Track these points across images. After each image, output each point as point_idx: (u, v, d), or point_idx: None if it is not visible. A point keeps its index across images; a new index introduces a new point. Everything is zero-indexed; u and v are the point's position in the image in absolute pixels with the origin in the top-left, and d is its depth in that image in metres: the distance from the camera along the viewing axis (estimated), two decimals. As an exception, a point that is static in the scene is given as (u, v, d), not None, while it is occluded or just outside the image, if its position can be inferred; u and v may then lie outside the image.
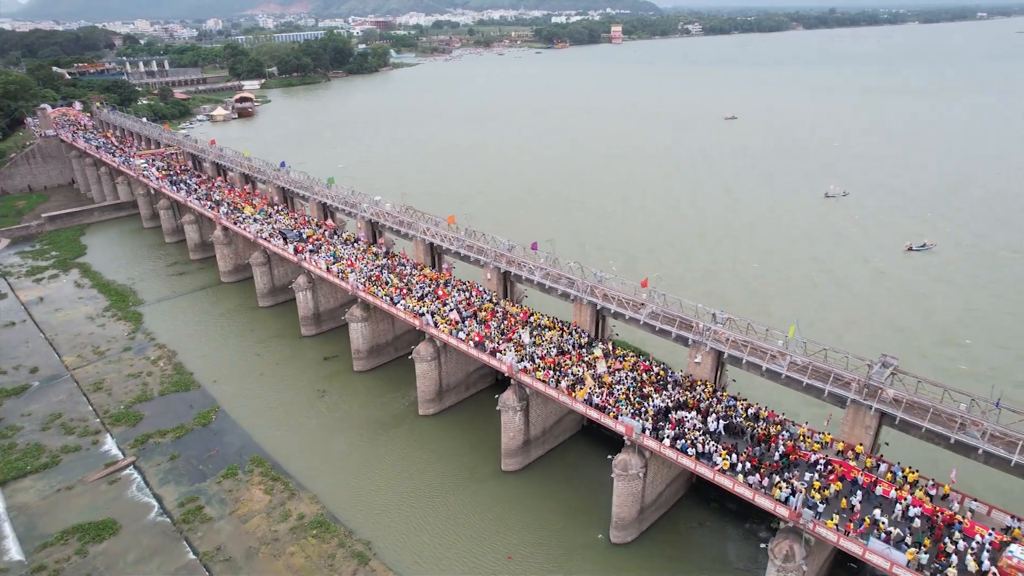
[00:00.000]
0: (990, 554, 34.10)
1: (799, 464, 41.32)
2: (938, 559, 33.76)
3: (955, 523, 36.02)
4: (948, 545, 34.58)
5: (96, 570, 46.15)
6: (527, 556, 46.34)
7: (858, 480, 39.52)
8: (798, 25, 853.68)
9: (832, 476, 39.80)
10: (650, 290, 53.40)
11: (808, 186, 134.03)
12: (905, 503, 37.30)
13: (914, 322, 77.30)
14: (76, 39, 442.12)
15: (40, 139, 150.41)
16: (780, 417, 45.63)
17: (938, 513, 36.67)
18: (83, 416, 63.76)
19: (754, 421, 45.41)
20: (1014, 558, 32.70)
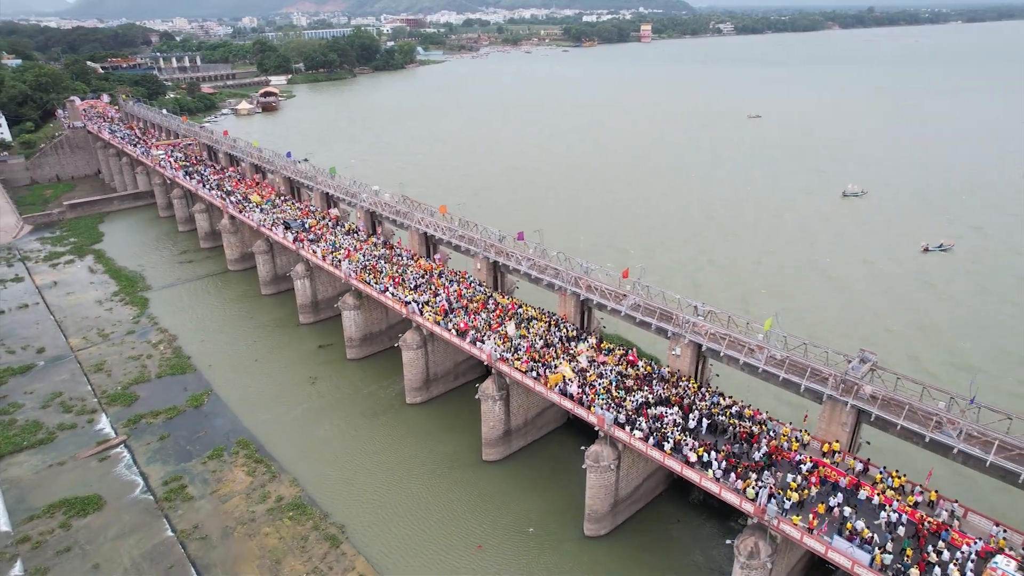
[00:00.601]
0: (975, 565, 32.43)
1: (780, 464, 40.09)
2: (919, 568, 32.12)
3: (942, 532, 34.37)
4: (931, 555, 32.98)
5: (77, 543, 47.20)
6: (497, 546, 46.09)
7: (840, 483, 38.05)
8: (834, 25, 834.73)
9: (814, 478, 38.50)
10: (633, 281, 52.64)
11: (827, 185, 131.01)
12: (890, 510, 35.68)
13: (913, 324, 74.97)
14: (115, 36, 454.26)
15: (68, 130, 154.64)
16: (764, 416, 44.35)
17: (925, 521, 35.02)
18: (82, 396, 65.31)
19: (738, 419, 44.14)
20: (998, 569, 31.17)
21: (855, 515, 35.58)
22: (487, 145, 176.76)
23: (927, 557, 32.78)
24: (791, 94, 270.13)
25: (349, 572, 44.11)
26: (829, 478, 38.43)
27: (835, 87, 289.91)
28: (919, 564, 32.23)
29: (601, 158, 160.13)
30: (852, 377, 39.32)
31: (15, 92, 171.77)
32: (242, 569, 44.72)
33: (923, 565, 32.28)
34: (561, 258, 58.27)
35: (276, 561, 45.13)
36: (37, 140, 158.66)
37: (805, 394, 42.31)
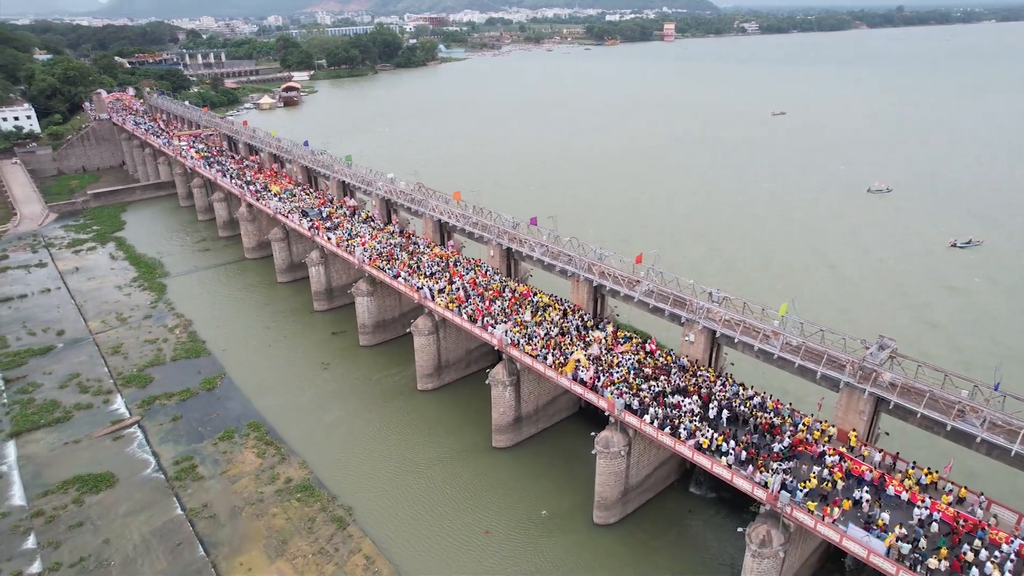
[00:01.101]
0: (1015, 564, 30.78)
1: (801, 456, 38.64)
2: (955, 568, 30.70)
3: (978, 530, 32.53)
4: (968, 554, 31.33)
5: (89, 519, 47.61)
6: (505, 532, 45.54)
7: (866, 477, 36.54)
8: (862, 24, 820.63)
9: (838, 471, 36.94)
10: (647, 268, 51.73)
11: (851, 182, 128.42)
12: (922, 507, 34.11)
13: (939, 318, 72.99)
14: (144, 34, 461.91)
15: (94, 122, 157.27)
16: (787, 408, 42.88)
17: (960, 519, 33.39)
18: (99, 377, 66.05)
19: (760, 410, 42.63)
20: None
21: (879, 509, 34.23)
22: (504, 142, 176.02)
23: (964, 557, 31.13)
24: (816, 92, 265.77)
25: (355, 554, 43.87)
26: (854, 472, 36.94)
27: (860, 86, 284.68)
28: (954, 562, 30.69)
29: (621, 155, 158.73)
30: (870, 364, 38.08)
31: (44, 85, 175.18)
32: (249, 548, 44.73)
33: (957, 564, 30.74)
34: (574, 244, 57.49)
35: (283, 541, 45.06)
36: (64, 132, 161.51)
37: (821, 382, 41.12)
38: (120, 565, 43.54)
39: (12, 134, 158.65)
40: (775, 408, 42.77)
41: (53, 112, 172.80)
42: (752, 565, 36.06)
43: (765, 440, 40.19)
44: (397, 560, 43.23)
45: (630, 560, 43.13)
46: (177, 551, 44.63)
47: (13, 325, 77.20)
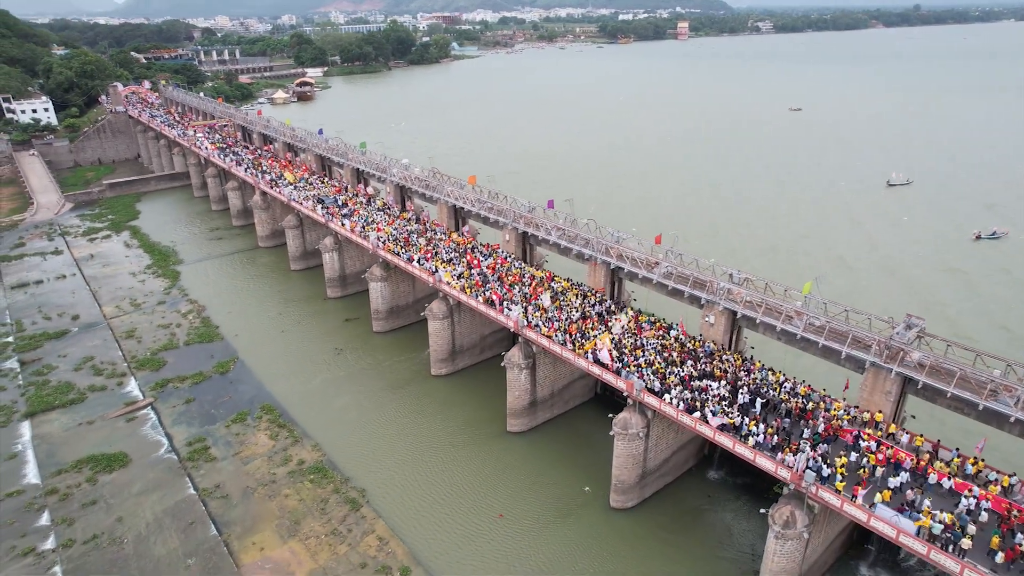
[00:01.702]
0: None
1: (835, 442, 37.39)
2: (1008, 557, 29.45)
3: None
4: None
5: (102, 497, 47.40)
6: (519, 515, 44.83)
7: (906, 465, 35.04)
8: (877, 23, 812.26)
9: (879, 457, 35.45)
10: (666, 249, 50.83)
11: (869, 174, 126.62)
12: (969, 496, 32.81)
13: (966, 306, 71.50)
14: (159, 32, 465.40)
15: (110, 115, 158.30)
16: (820, 393, 41.46)
17: (1014, 509, 31.94)
18: (113, 360, 66.04)
19: (791, 396, 41.17)
20: None
21: (920, 495, 32.97)
22: (516, 139, 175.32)
23: (1019, 549, 29.74)
24: (832, 89, 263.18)
25: (368, 535, 43.34)
26: (893, 459, 35.43)
27: (876, 83, 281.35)
28: (1008, 553, 29.47)
29: (637, 148, 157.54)
30: (898, 343, 37.00)
31: (62, 79, 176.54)
32: (261, 527, 44.32)
33: (1011, 554, 29.53)
34: (592, 227, 56.66)
35: (295, 521, 44.62)
36: (81, 124, 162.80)
37: (846, 363, 40.14)
38: (133, 542, 43.26)
39: (30, 126, 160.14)
40: (807, 393, 41.29)
41: (70, 105, 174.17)
42: (775, 547, 35.12)
43: (797, 426, 38.81)
44: (410, 541, 42.65)
45: (647, 544, 42.28)
46: (190, 529, 44.30)
47: (29, 310, 77.48)
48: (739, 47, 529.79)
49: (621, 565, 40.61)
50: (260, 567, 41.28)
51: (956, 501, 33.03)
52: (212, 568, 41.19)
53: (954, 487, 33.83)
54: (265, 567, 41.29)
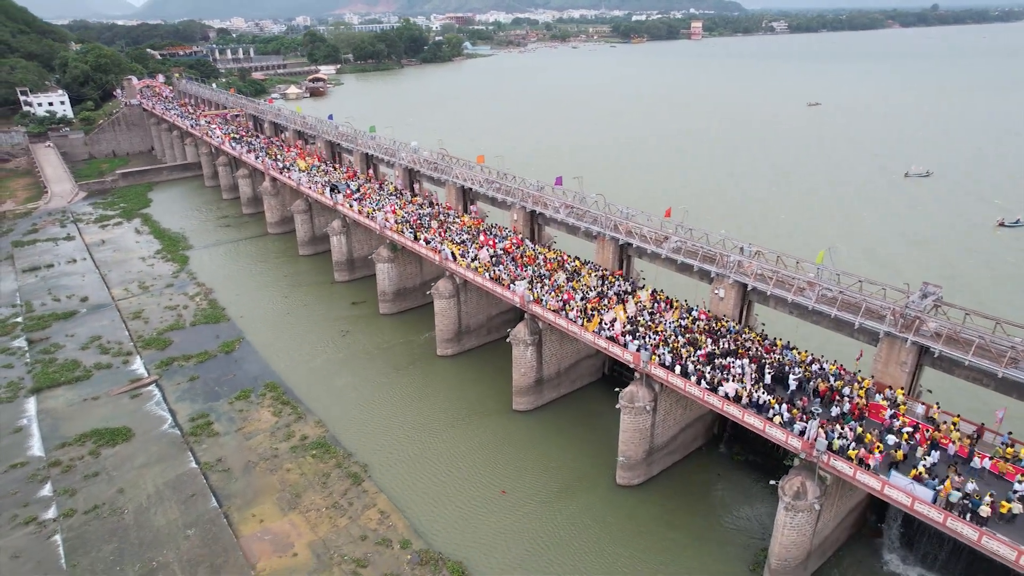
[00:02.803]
0: None
1: (868, 423, 35.25)
2: None
3: None
4: None
5: (104, 470, 47.18)
6: (522, 492, 44.00)
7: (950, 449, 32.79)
8: (894, 23, 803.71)
9: (921, 439, 33.30)
10: (676, 224, 49.81)
11: (887, 166, 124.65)
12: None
13: (992, 289, 69.72)
14: (176, 32, 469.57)
15: (125, 108, 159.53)
16: (854, 374, 39.27)
17: None
18: (119, 340, 66.04)
19: (816, 375, 39.11)
20: None
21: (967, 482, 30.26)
22: (527, 136, 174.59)
23: None
24: (850, 85, 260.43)
25: (369, 508, 42.71)
26: (941, 443, 33.00)
27: (893, 80, 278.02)
28: None
29: (648, 142, 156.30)
30: (913, 310, 35.77)
31: (77, 73, 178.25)
32: (262, 500, 43.83)
33: None
34: (600, 204, 55.71)
35: (296, 495, 44.09)
36: (96, 117, 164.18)
37: (860, 335, 38.95)
38: (133, 513, 42.93)
39: (46, 119, 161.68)
40: (836, 372, 39.17)
41: (86, 99, 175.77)
42: (785, 520, 34.05)
43: (824, 406, 36.72)
44: (412, 515, 41.97)
45: (653, 521, 41.27)
46: (190, 501, 43.90)
47: (39, 292, 77.81)
48: (754, 47, 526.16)
49: (624, 542, 39.64)
50: (259, 538, 40.76)
51: (1003, 485, 30.63)
52: (211, 539, 40.72)
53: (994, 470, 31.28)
54: (264, 538, 40.77)
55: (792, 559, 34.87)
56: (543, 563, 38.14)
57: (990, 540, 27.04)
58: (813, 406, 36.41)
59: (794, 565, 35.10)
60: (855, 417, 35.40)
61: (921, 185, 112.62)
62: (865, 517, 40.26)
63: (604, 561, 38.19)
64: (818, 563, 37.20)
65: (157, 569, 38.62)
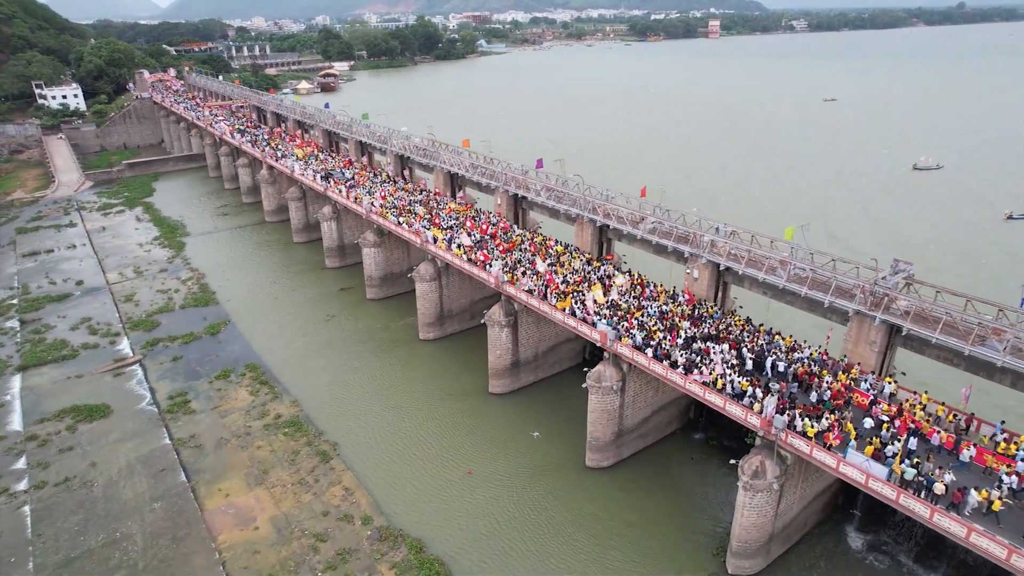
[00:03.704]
0: None
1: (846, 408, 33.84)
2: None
3: None
4: None
5: (79, 444, 47.58)
6: (490, 473, 43.54)
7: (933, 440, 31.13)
8: (919, 22, 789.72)
9: (901, 427, 31.70)
10: (654, 206, 49.06)
11: (896, 159, 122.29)
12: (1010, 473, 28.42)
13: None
14: (196, 30, 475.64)
15: (136, 101, 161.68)
16: (838, 360, 37.64)
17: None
18: (109, 321, 66.70)
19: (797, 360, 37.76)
20: None
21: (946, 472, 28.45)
22: (534, 131, 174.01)
23: None
24: (869, 81, 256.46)
25: (335, 485, 42.57)
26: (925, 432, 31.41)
27: (912, 76, 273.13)
28: None
29: (657, 136, 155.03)
30: (883, 288, 34.76)
31: (92, 67, 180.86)
32: (230, 476, 43.89)
33: None
34: (581, 186, 55.04)
35: (264, 471, 44.09)
36: (108, 110, 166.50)
37: (831, 315, 38.02)
38: (103, 486, 43.20)
39: (60, 111, 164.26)
40: (817, 357, 37.90)
41: (100, 93, 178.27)
42: (744, 500, 33.26)
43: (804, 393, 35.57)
44: (376, 493, 41.75)
45: (617, 503, 40.56)
46: (160, 476, 44.07)
47: (37, 275, 78.94)
48: (773, 45, 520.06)
49: (585, 523, 38.98)
50: (223, 512, 40.79)
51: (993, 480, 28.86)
52: (176, 512, 40.82)
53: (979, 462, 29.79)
54: (228, 512, 40.78)
55: (753, 541, 34.05)
56: (501, 542, 37.69)
57: (942, 518, 26.11)
58: (792, 390, 35.50)
59: (755, 548, 34.28)
60: (835, 405, 33.99)
61: (929, 177, 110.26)
62: (836, 502, 39.25)
63: (563, 542, 37.61)
64: (783, 547, 36.31)
65: (120, 540, 38.80)
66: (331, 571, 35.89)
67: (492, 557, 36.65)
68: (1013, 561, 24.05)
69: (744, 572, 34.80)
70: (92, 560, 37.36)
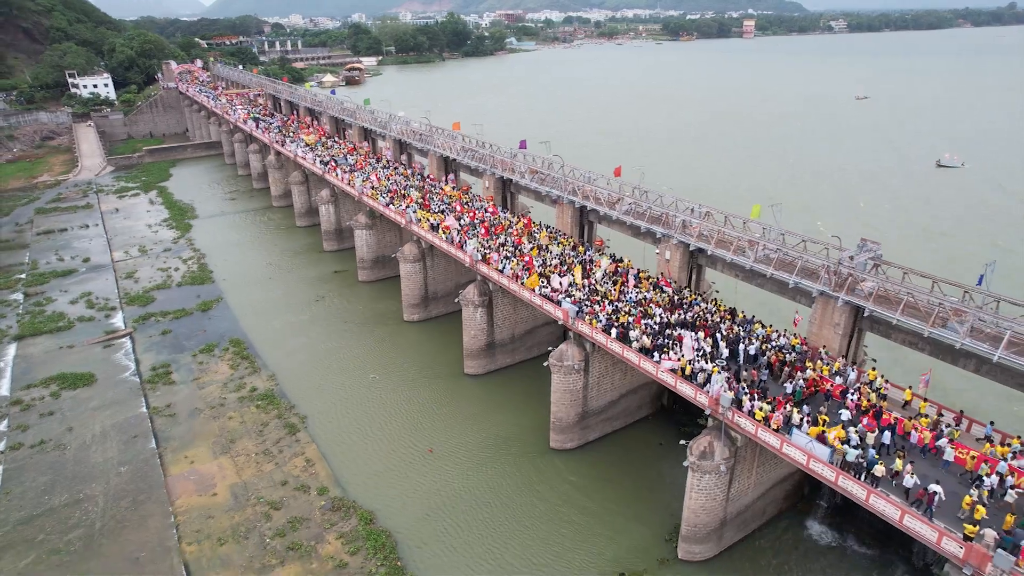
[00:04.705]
0: None
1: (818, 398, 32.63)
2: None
3: None
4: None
5: (60, 410, 48.70)
6: (452, 451, 43.21)
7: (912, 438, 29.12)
8: (965, 22, 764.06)
9: (870, 420, 29.46)
10: (633, 187, 48.17)
11: (921, 156, 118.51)
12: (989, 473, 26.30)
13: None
14: (233, 26, 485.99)
15: (163, 90, 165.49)
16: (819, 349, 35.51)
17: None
18: (108, 296, 68.27)
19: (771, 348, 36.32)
20: None
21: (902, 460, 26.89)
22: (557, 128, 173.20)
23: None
24: (905, 80, 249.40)
25: (298, 456, 42.78)
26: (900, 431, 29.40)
27: (951, 75, 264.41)
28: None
29: (669, 131, 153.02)
30: (848, 268, 33.46)
31: (123, 57, 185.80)
32: (198, 444, 44.43)
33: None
34: (565, 169, 54.40)
35: (231, 441, 44.54)
36: (136, 99, 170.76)
37: (799, 297, 36.78)
38: (75, 449, 44.11)
39: (90, 100, 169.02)
40: (795, 346, 36.32)
41: (130, 83, 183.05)
42: (692, 481, 32.39)
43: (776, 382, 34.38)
44: (336, 466, 41.79)
45: (579, 485, 39.87)
46: (131, 442, 44.82)
47: (47, 253, 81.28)
48: (811, 45, 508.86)
49: (544, 503, 38.41)
50: (185, 477, 41.29)
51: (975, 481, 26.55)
52: (140, 476, 41.46)
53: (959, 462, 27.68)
54: (190, 478, 41.26)
55: (702, 525, 33.10)
56: (451, 518, 37.32)
57: (877, 499, 24.95)
58: (763, 378, 34.24)
59: (705, 532, 33.33)
60: (805, 395, 32.66)
61: (952, 176, 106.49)
62: (802, 491, 37.99)
63: (514, 522, 37.01)
64: (738, 535, 35.24)
65: (83, 500, 39.54)
66: (279, 538, 36.02)
67: (440, 532, 36.34)
68: (943, 545, 22.83)
69: (694, 557, 33.88)
70: (53, 519, 38.10)
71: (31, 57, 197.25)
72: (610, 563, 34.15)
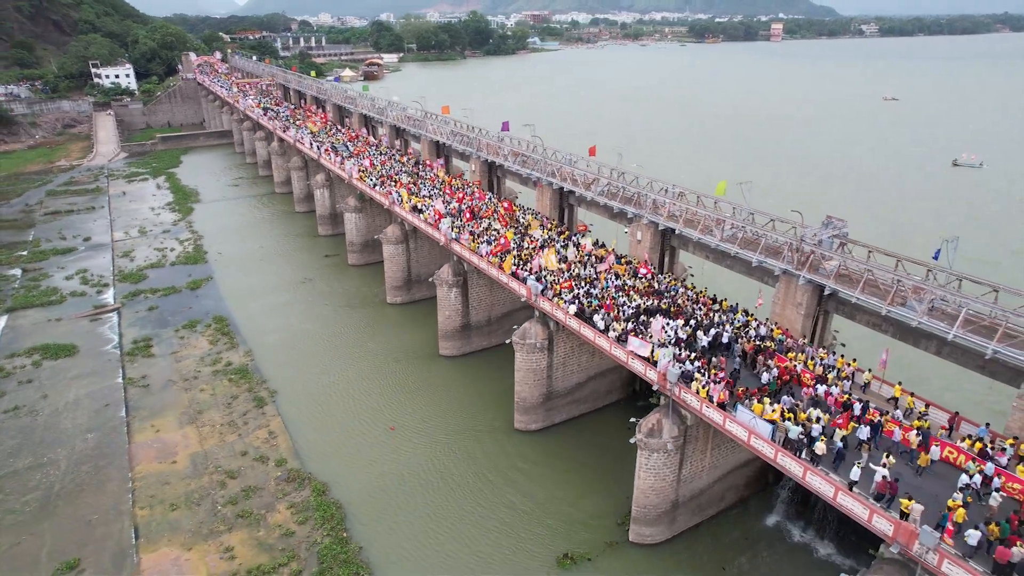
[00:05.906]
0: None
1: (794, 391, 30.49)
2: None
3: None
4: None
5: (39, 378, 49.40)
6: (414, 429, 42.84)
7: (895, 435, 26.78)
8: (1004, 27, 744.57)
9: (842, 418, 27.25)
10: (610, 168, 47.35)
11: (939, 156, 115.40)
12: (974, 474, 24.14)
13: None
14: (261, 23, 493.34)
15: (182, 81, 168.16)
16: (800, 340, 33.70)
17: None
18: (102, 273, 69.30)
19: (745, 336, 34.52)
20: None
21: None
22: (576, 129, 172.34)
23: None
24: (934, 82, 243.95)
25: (261, 429, 42.79)
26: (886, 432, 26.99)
27: (981, 79, 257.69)
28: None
29: (674, 129, 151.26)
30: (810, 244, 32.35)
31: (146, 49, 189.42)
32: (167, 414, 44.67)
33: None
34: (548, 151, 53.77)
35: (199, 411, 44.74)
36: (156, 90, 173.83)
37: (765, 278, 35.72)
38: (47, 415, 44.65)
39: (111, 90, 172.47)
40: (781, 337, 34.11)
41: (152, 74, 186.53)
42: (641, 460, 31.56)
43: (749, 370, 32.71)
44: (297, 439, 41.69)
45: (538, 466, 39.23)
46: (102, 410, 45.24)
47: (50, 232, 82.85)
48: (840, 49, 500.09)
49: (501, 482, 37.83)
50: (148, 445, 41.49)
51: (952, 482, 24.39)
52: (105, 443, 41.77)
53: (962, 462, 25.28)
54: (153, 446, 41.46)
55: (652, 507, 32.24)
56: (403, 495, 36.87)
57: (813, 476, 23.95)
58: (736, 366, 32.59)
59: (656, 515, 32.45)
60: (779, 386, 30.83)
61: (969, 176, 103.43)
62: (765, 478, 36.86)
63: (466, 501, 36.44)
64: (693, 520, 34.27)
65: (46, 464, 39.93)
66: (231, 505, 35.96)
67: (389, 507, 35.94)
68: (874, 523, 21.78)
69: (645, 540, 33.02)
70: (15, 480, 38.50)
71: (59, 48, 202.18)
72: (559, 545, 33.39)
